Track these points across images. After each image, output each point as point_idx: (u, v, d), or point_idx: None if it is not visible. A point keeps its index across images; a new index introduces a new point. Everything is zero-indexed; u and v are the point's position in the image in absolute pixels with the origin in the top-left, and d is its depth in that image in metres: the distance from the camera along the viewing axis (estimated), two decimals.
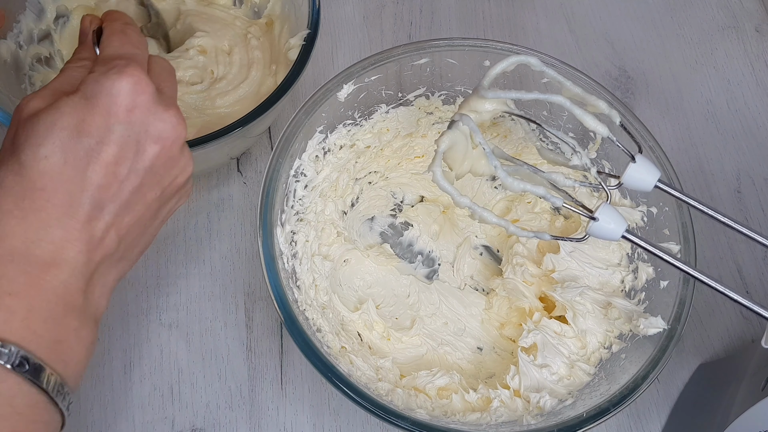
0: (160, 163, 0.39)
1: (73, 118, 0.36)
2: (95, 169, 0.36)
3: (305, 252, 0.52)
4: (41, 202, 0.35)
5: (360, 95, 0.53)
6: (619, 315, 0.50)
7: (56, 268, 0.35)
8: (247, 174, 0.63)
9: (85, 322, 0.37)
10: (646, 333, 0.47)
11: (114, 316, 0.56)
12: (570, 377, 0.49)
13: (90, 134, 0.36)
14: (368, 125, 0.56)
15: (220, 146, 0.53)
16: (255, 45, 0.63)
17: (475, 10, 0.73)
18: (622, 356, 0.48)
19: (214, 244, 0.60)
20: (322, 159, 0.53)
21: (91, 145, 0.36)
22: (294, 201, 0.51)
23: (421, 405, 0.48)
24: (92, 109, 0.36)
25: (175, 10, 0.66)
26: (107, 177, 0.36)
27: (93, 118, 0.36)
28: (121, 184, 0.37)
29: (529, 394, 0.48)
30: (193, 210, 0.61)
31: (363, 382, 0.46)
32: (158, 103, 0.38)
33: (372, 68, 0.53)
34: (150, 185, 0.39)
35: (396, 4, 0.73)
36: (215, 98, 0.61)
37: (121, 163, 0.37)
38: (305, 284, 0.50)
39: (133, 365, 0.55)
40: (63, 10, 0.64)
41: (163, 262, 0.58)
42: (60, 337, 0.35)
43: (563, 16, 0.74)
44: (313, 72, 0.68)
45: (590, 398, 0.46)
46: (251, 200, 0.62)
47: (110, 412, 0.53)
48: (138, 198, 0.38)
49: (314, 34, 0.57)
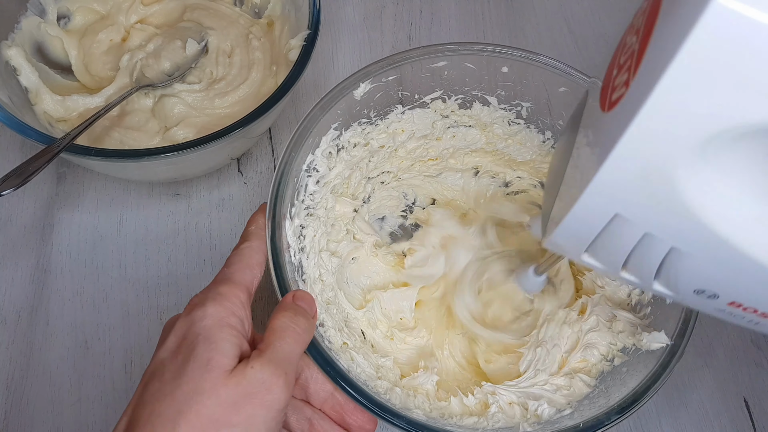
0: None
1: (228, 399, 0.36)
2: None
3: (313, 247, 0.52)
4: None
5: (376, 94, 0.53)
6: (624, 328, 0.50)
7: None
8: (248, 174, 0.63)
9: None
10: (649, 347, 0.47)
11: (114, 316, 0.56)
12: (570, 387, 0.49)
13: (234, 425, 0.36)
14: (383, 125, 0.56)
15: (220, 147, 0.53)
16: (256, 45, 0.64)
17: (475, 11, 0.74)
18: (624, 369, 0.48)
19: (215, 244, 0.60)
20: (335, 156, 0.53)
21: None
22: (305, 195, 0.51)
23: (418, 405, 0.48)
24: (246, 404, 0.37)
25: (180, 3, 0.66)
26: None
27: (244, 409, 0.36)
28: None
29: (527, 402, 0.48)
30: (193, 210, 0.61)
31: (362, 379, 0.46)
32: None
33: (390, 68, 0.53)
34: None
35: (396, 4, 0.73)
36: (214, 98, 0.61)
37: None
38: (311, 278, 0.50)
39: (133, 365, 0.55)
40: (64, 10, 0.64)
41: (164, 262, 0.59)
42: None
43: (563, 17, 0.74)
44: (314, 72, 0.68)
45: (589, 409, 0.45)
46: (252, 200, 0.62)
47: (111, 412, 0.53)
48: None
49: (315, 34, 0.57)
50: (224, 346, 0.38)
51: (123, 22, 0.65)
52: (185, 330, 0.39)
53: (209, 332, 0.38)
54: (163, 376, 0.37)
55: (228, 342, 0.38)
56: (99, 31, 0.64)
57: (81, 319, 0.56)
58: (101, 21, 0.65)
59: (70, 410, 0.53)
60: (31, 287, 0.57)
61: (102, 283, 0.58)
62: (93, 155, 0.51)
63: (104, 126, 0.59)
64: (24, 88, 0.59)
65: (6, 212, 0.60)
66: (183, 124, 0.59)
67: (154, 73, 0.61)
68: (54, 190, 0.61)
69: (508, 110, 0.56)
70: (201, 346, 0.37)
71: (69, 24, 0.65)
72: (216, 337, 0.38)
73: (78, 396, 0.53)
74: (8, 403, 0.53)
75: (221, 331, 0.38)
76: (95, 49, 0.64)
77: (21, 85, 0.59)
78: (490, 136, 0.58)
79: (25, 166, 0.49)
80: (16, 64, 0.58)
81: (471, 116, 0.57)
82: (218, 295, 0.40)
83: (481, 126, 0.57)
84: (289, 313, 0.42)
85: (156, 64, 0.62)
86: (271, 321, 0.41)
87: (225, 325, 0.39)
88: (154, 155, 0.51)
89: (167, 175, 0.60)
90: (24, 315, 0.56)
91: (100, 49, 0.64)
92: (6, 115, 0.52)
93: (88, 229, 0.60)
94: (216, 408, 0.36)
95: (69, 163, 0.62)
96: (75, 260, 0.58)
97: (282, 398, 0.37)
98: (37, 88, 0.59)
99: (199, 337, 0.38)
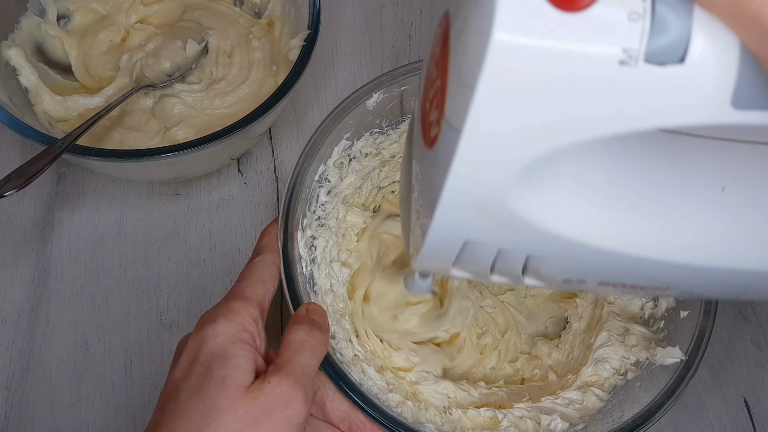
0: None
1: (246, 416, 0.36)
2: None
3: (324, 257, 0.52)
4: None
5: (389, 105, 0.53)
6: (637, 342, 0.49)
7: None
8: (248, 174, 0.63)
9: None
10: (663, 362, 0.46)
11: (114, 316, 0.56)
12: (582, 401, 0.48)
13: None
14: (395, 134, 0.56)
15: (220, 147, 0.53)
16: (256, 46, 0.64)
17: None
18: (637, 384, 0.47)
19: (215, 244, 0.60)
20: (346, 165, 0.53)
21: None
22: (316, 206, 0.51)
23: (430, 419, 0.47)
24: (265, 420, 0.36)
25: (180, 3, 0.66)
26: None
27: (263, 425, 0.36)
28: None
29: (539, 416, 0.47)
30: (193, 210, 0.61)
31: (374, 392, 0.46)
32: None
33: (402, 78, 0.53)
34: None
35: (396, 5, 0.73)
36: (213, 98, 0.61)
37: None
38: (322, 290, 0.50)
39: (133, 365, 0.55)
40: (64, 10, 0.64)
41: (164, 262, 0.59)
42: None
43: None
44: (314, 73, 0.68)
45: (602, 424, 0.45)
46: (252, 200, 0.62)
47: (111, 412, 0.53)
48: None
49: (315, 34, 0.57)
50: (239, 362, 0.37)
51: (123, 22, 0.65)
52: (197, 348, 0.38)
53: (222, 349, 0.37)
54: (178, 396, 0.37)
55: (242, 358, 0.37)
56: (99, 31, 0.64)
57: (81, 319, 0.56)
58: (101, 21, 0.65)
59: (70, 410, 0.53)
60: (31, 287, 0.57)
61: (102, 283, 0.58)
62: (93, 155, 0.51)
63: (104, 126, 0.59)
64: (24, 88, 0.59)
65: (6, 212, 0.60)
66: (183, 124, 0.59)
67: (154, 73, 0.61)
68: (54, 190, 0.61)
69: None
70: (215, 363, 0.37)
71: (69, 24, 0.65)
72: (230, 353, 0.37)
73: (78, 396, 0.53)
74: (8, 403, 0.53)
75: (234, 347, 0.38)
76: (95, 50, 0.63)
77: (21, 85, 0.59)
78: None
79: (27, 166, 0.49)
80: (16, 64, 0.58)
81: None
82: (229, 311, 0.39)
83: None
84: (305, 327, 0.41)
85: (156, 64, 0.62)
86: (286, 335, 0.41)
87: (238, 341, 0.38)
88: (154, 155, 0.51)
89: (167, 175, 0.60)
90: (24, 315, 0.56)
91: (100, 50, 0.64)
92: (6, 115, 0.52)
93: (88, 229, 0.60)
94: (234, 425, 0.35)
95: (69, 163, 0.62)
96: (75, 260, 0.58)
97: (301, 413, 0.37)
98: (37, 88, 0.59)
99: (213, 355, 0.37)
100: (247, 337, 0.39)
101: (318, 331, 0.42)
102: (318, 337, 0.41)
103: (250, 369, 0.37)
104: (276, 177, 0.63)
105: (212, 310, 0.40)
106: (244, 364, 0.37)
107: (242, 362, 0.37)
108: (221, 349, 0.38)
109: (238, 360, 0.37)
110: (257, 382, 0.37)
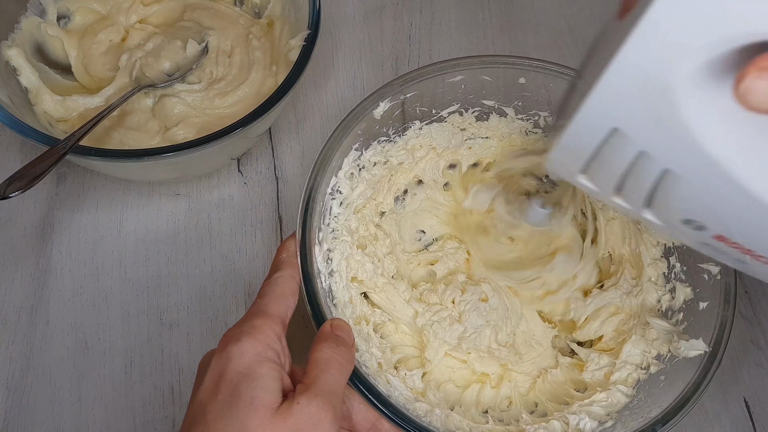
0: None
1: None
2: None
3: (341, 270, 0.51)
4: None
5: (395, 112, 0.54)
6: (658, 336, 0.49)
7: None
8: (248, 174, 0.63)
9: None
10: (687, 355, 0.46)
11: (114, 316, 0.56)
12: (607, 398, 0.48)
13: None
14: (402, 142, 0.56)
15: (220, 147, 0.53)
16: (256, 45, 0.64)
17: (475, 10, 0.74)
18: (662, 378, 0.47)
19: (215, 244, 0.60)
20: (357, 176, 0.53)
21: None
22: (330, 219, 0.51)
23: (458, 426, 0.47)
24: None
25: (180, 3, 0.66)
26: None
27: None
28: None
29: (567, 416, 0.47)
30: (193, 210, 0.61)
31: (401, 402, 0.46)
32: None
33: (408, 85, 0.53)
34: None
35: (396, 4, 0.73)
36: (214, 98, 0.61)
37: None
38: (341, 302, 0.50)
39: (133, 365, 0.55)
40: (64, 10, 0.64)
41: (164, 262, 0.59)
42: None
43: (562, 17, 0.74)
44: (314, 72, 0.68)
45: (631, 421, 0.45)
46: (252, 200, 0.62)
47: (111, 412, 0.53)
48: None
49: (315, 34, 0.57)
50: (266, 383, 0.37)
51: (123, 22, 0.65)
52: (223, 367, 0.38)
53: (249, 369, 0.37)
54: (206, 418, 0.36)
55: (270, 377, 0.37)
56: (99, 32, 0.64)
57: (81, 319, 0.56)
58: (101, 21, 0.65)
59: (70, 410, 0.53)
60: (31, 287, 0.57)
61: (102, 283, 0.58)
62: (93, 155, 0.51)
63: (104, 126, 0.59)
64: (24, 88, 0.59)
65: (6, 212, 0.60)
66: (183, 124, 0.59)
67: (154, 73, 0.61)
68: (54, 190, 0.61)
69: (526, 120, 0.56)
70: (243, 383, 0.36)
71: (69, 24, 0.65)
72: (257, 373, 0.37)
73: (78, 396, 0.53)
74: (8, 403, 0.53)
75: (261, 367, 0.37)
76: (95, 50, 0.63)
77: (21, 85, 0.59)
78: (507, 146, 0.58)
79: (30, 167, 0.49)
80: (16, 64, 0.58)
81: (488, 128, 0.57)
82: (253, 328, 0.39)
83: (499, 137, 0.57)
84: (331, 344, 0.41)
85: (156, 64, 0.62)
86: (313, 353, 0.40)
87: (264, 360, 0.38)
88: (155, 155, 0.51)
89: (167, 175, 0.60)
90: (24, 315, 0.56)
91: (100, 50, 0.64)
92: (6, 115, 0.52)
93: (88, 229, 0.60)
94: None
95: (69, 163, 0.62)
96: (75, 260, 0.58)
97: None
98: (37, 88, 0.59)
99: (240, 375, 0.37)
100: (273, 355, 0.38)
101: (344, 348, 0.41)
102: (344, 354, 0.41)
103: (278, 389, 0.37)
104: (276, 177, 0.63)
105: (235, 327, 0.40)
106: (272, 384, 0.37)
107: (269, 382, 0.37)
108: (248, 368, 0.37)
109: (265, 380, 0.37)
110: (286, 403, 0.36)
